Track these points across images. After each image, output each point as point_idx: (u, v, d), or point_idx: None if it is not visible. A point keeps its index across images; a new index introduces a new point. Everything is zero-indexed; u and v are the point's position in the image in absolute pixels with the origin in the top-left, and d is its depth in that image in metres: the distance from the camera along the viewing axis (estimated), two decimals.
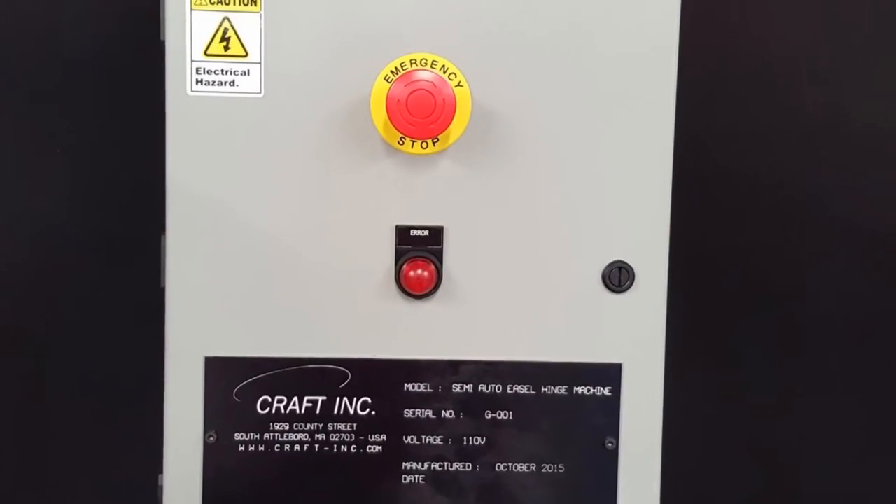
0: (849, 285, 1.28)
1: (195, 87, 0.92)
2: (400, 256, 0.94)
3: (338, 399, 0.96)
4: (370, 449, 0.97)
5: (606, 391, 0.97)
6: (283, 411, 0.96)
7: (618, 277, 0.95)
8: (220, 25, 0.92)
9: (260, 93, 0.92)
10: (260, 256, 0.94)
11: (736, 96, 1.25)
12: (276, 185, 0.93)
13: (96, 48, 1.18)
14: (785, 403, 1.30)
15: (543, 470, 0.98)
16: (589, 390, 0.97)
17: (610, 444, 0.97)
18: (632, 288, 0.95)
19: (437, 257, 0.94)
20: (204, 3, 0.91)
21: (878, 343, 1.30)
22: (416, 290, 0.94)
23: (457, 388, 0.96)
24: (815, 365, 1.30)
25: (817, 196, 1.26)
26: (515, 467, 0.98)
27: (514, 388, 0.96)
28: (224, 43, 0.92)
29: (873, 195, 1.27)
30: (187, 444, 0.96)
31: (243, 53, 0.92)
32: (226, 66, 0.92)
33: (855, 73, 1.25)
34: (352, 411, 0.96)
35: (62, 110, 1.19)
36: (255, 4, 0.92)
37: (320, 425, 0.96)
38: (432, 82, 0.90)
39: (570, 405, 0.97)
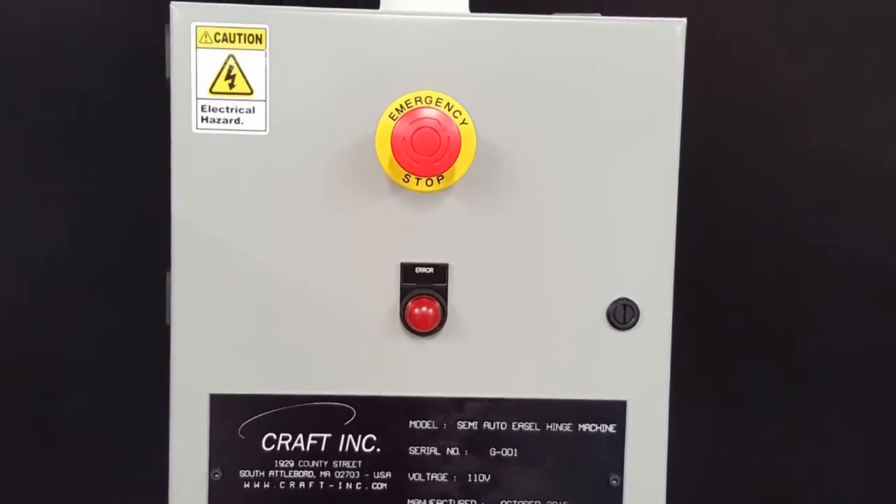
0: (853, 323, 1.28)
1: (200, 125, 0.92)
2: (405, 294, 0.94)
3: (343, 436, 0.96)
4: (375, 486, 0.97)
5: (611, 428, 0.97)
6: (288, 448, 0.96)
7: (622, 314, 0.95)
8: (226, 63, 0.92)
9: (265, 130, 0.93)
10: (265, 294, 0.94)
11: (740, 134, 1.25)
12: (281, 222, 0.93)
13: (101, 86, 1.18)
14: (790, 440, 1.30)
15: None
16: (594, 427, 0.97)
17: (615, 482, 0.97)
18: (636, 325, 0.95)
19: (442, 294, 0.95)
20: (209, 40, 0.92)
21: (882, 380, 1.30)
22: (420, 328, 0.94)
23: (462, 426, 0.96)
24: (820, 402, 1.30)
25: (821, 234, 1.27)
26: None
27: (519, 426, 0.96)
28: (229, 80, 0.92)
29: (878, 232, 1.27)
30: (192, 481, 0.95)
31: (248, 91, 0.92)
32: (231, 104, 0.92)
33: (858, 111, 1.26)
34: (357, 448, 0.96)
35: (67, 148, 1.19)
36: (261, 42, 0.92)
37: (325, 462, 0.96)
38: (437, 120, 0.90)
39: (574, 442, 0.97)
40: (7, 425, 1.23)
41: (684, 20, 0.93)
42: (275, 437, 0.96)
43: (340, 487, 0.96)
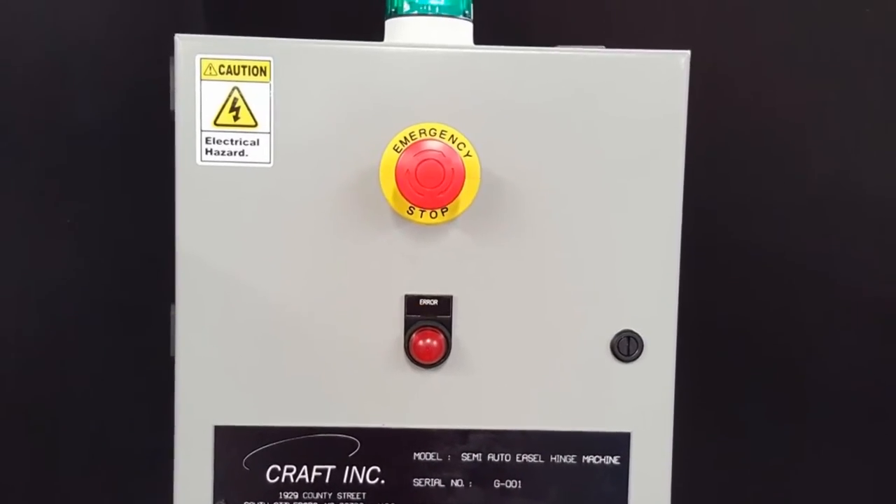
0: (856, 352, 1.28)
1: (205, 157, 0.92)
2: (409, 326, 0.94)
3: (347, 468, 0.96)
4: None
5: (615, 460, 0.97)
6: (292, 480, 0.95)
7: (626, 346, 0.95)
8: (230, 95, 0.92)
9: (269, 163, 0.93)
10: (269, 326, 0.94)
11: (743, 165, 1.25)
12: (285, 255, 0.93)
13: (106, 118, 1.19)
14: (793, 470, 1.30)
15: None
16: (598, 459, 0.97)
17: None
18: (640, 357, 0.95)
19: (446, 326, 0.95)
20: (213, 72, 0.92)
21: (885, 410, 1.30)
22: (425, 360, 0.94)
23: (466, 457, 0.96)
24: (823, 433, 1.30)
25: (824, 264, 1.27)
26: None
27: (523, 458, 0.96)
28: (234, 113, 0.92)
29: (880, 263, 1.27)
30: None
31: (253, 123, 0.92)
32: (235, 136, 0.92)
33: (860, 142, 1.26)
34: (361, 480, 0.96)
35: (72, 180, 1.19)
36: (265, 74, 0.92)
37: (330, 494, 0.96)
38: (441, 152, 0.90)
39: (578, 474, 0.97)
40: (10, 457, 1.23)
41: (688, 52, 0.93)
42: (279, 468, 0.95)
43: None
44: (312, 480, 0.96)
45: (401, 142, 0.92)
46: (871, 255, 1.27)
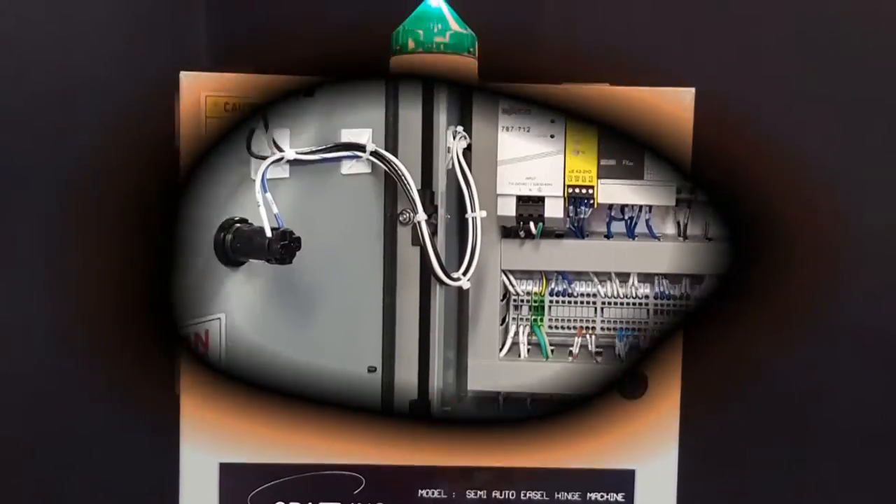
0: (861, 390, 1.28)
1: None
2: None
3: None
4: None
5: (619, 497, 0.97)
6: None
7: (631, 384, 0.95)
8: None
9: None
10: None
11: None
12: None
13: (111, 154, 1.18)
14: None
15: None
16: (602, 496, 0.97)
17: None
18: (645, 395, 0.95)
19: None
20: (218, 111, 0.92)
21: (889, 449, 1.30)
22: None
23: (470, 494, 0.96)
24: (827, 470, 1.29)
25: (828, 301, 1.26)
26: None
27: (528, 494, 0.96)
28: None
29: (883, 297, 1.27)
30: None
31: None
32: None
33: (866, 176, 1.25)
34: None
35: (75, 214, 1.19)
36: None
37: None
38: None
39: None
40: (16, 495, 1.23)
41: (692, 89, 0.93)
42: None
43: None
44: None
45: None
46: (874, 289, 1.27)
